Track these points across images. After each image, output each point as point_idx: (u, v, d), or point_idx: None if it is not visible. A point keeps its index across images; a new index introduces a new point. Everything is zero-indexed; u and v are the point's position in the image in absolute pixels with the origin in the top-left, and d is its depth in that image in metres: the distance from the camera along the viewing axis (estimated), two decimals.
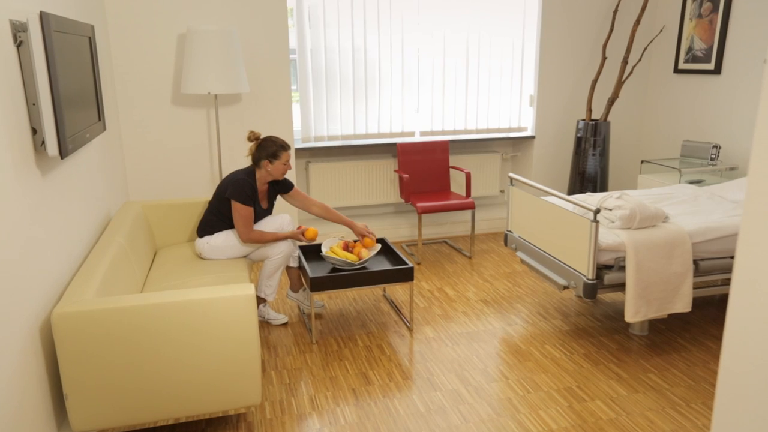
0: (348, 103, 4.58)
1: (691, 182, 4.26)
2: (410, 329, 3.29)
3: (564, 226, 3.03)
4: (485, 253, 4.53)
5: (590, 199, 3.21)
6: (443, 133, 4.89)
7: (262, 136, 3.29)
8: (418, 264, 4.31)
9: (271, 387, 2.73)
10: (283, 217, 3.24)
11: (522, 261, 3.48)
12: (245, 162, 4.28)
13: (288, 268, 3.39)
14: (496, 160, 5.12)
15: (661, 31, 4.94)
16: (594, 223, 2.78)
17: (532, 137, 5.03)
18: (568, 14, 4.82)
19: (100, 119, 2.88)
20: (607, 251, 2.87)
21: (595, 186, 4.82)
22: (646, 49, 4.89)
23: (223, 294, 2.12)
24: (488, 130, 5.01)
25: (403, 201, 5.01)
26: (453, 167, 4.67)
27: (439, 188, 4.69)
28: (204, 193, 4.23)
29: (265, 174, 3.14)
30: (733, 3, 4.29)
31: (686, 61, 4.73)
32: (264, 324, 3.36)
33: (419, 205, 4.21)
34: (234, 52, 3.69)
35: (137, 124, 4.01)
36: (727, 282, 3.26)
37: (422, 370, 2.86)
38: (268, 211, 3.28)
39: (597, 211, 2.76)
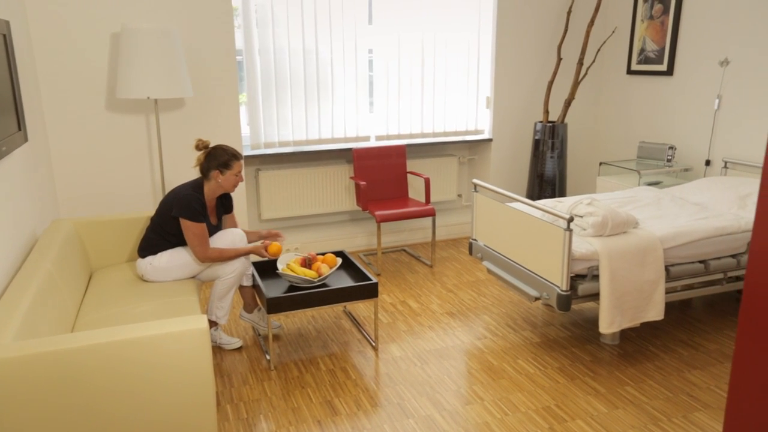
0: (299, 107, 4.33)
1: (649, 184, 4.25)
2: (375, 348, 3.08)
3: (534, 235, 2.90)
4: (446, 261, 4.37)
5: (559, 205, 3.10)
6: (399, 137, 4.71)
7: (211, 145, 3.01)
8: (378, 275, 4.11)
9: (227, 423, 2.47)
10: (234, 233, 2.97)
11: (489, 271, 3.33)
12: (190, 173, 3.96)
13: (241, 288, 3.12)
14: (453, 164, 4.98)
15: (613, 32, 4.93)
16: (567, 232, 2.65)
17: (490, 140, 4.92)
18: (523, 15, 4.74)
19: (20, 129, 2.54)
20: (580, 260, 2.76)
21: (554, 189, 4.75)
22: (599, 50, 4.86)
23: (170, 329, 1.86)
24: (445, 134, 4.87)
25: (358, 208, 4.80)
26: (411, 172, 4.50)
27: (397, 195, 4.51)
28: (145, 207, 3.89)
29: (214, 186, 2.87)
30: (684, 5, 4.30)
31: (639, 62, 4.73)
32: (216, 349, 3.08)
33: (378, 213, 4.01)
34: (175, 52, 3.38)
35: (67, 133, 3.63)
36: (687, 287, 3.18)
37: (392, 395, 2.66)
38: (218, 227, 3.01)
39: (570, 219, 2.64)
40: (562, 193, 4.80)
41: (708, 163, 4.23)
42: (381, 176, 4.44)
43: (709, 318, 3.39)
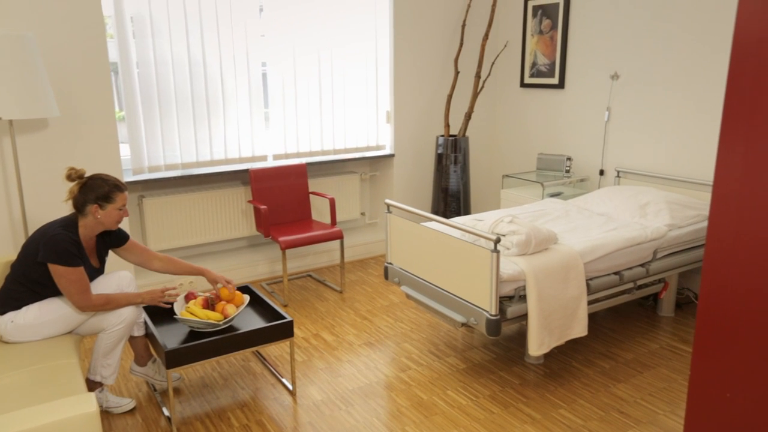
0: (187, 125, 3.91)
1: (551, 195, 4.31)
2: (292, 393, 2.77)
3: (456, 257, 2.75)
4: (356, 285, 4.14)
5: (479, 224, 2.98)
6: (298, 155, 4.42)
7: (87, 174, 2.56)
8: (285, 306, 3.79)
9: None
10: (121, 276, 2.53)
11: (408, 296, 3.15)
12: (61, 208, 3.41)
13: (131, 339, 2.68)
14: (355, 181, 4.78)
15: (505, 46, 5.00)
16: (495, 254, 2.53)
17: (392, 155, 4.78)
18: (419, 28, 4.66)
19: None
20: (508, 282, 2.65)
21: (459, 203, 4.70)
22: (493, 63, 4.91)
23: (48, 419, 1.45)
24: (346, 150, 4.65)
25: (257, 233, 4.44)
26: (314, 193, 4.22)
27: (300, 217, 4.21)
28: (2, 252, 3.28)
29: (92, 223, 2.42)
30: (571, 21, 4.43)
31: (531, 76, 4.82)
32: (103, 415, 2.61)
33: (282, 239, 3.69)
34: (33, 64, 2.87)
35: None
36: (596, 300, 3.18)
37: None
38: (100, 271, 2.55)
39: (497, 240, 2.52)
40: (467, 207, 4.77)
41: (602, 172, 4.37)
42: (282, 198, 4.12)
43: (618, 326, 3.45)
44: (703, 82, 3.64)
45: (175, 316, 2.79)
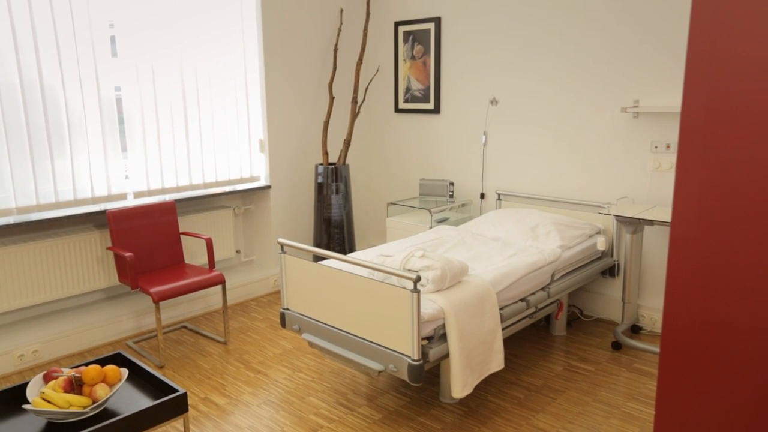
0: (23, 161, 3.23)
1: (439, 221, 4.24)
2: None
3: (368, 298, 2.50)
4: (240, 333, 3.70)
5: (388, 260, 2.77)
6: (163, 191, 3.89)
7: None
8: (161, 367, 3.25)
9: None
10: None
11: (311, 345, 2.83)
12: None
13: None
14: (228, 217, 4.34)
15: (377, 71, 4.91)
16: (415, 293, 2.32)
17: (267, 187, 4.42)
18: (290, 51, 4.39)
19: None
20: (428, 323, 2.45)
21: (342, 233, 4.46)
22: (367, 89, 4.78)
23: None
24: (217, 184, 4.20)
25: (116, 283, 3.81)
26: (186, 233, 3.73)
27: (171, 261, 3.68)
28: None
29: None
30: (443, 46, 4.46)
31: (406, 101, 4.77)
32: None
33: (155, 291, 3.17)
34: None
35: None
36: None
37: None
38: None
39: (418, 279, 2.31)
40: (351, 238, 4.54)
41: (483, 196, 4.41)
42: (148, 242, 3.57)
43: (520, 351, 3.43)
44: (571, 106, 3.81)
45: (24, 406, 2.19)
